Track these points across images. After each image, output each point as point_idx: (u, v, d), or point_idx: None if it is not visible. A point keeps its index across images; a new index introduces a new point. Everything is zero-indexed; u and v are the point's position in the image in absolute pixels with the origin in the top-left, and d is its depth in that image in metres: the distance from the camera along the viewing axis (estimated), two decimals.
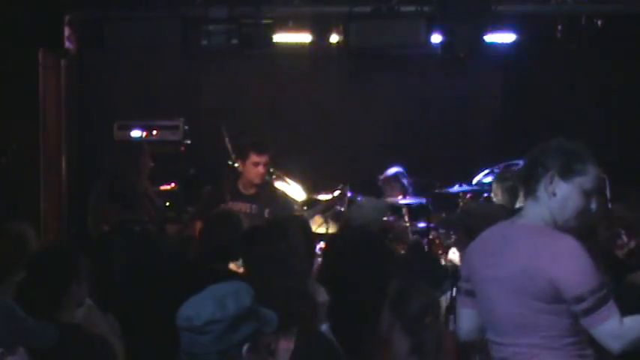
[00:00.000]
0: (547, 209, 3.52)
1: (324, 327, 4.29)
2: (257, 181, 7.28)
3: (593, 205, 3.55)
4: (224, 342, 2.79)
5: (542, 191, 3.53)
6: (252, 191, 7.31)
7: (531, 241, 3.49)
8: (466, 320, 3.77)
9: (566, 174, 3.51)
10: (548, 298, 3.42)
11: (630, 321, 3.42)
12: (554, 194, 3.51)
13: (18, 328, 2.86)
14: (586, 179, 3.51)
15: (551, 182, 3.51)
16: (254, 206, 7.22)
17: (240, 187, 7.34)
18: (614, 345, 3.39)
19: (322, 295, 4.47)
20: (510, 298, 3.49)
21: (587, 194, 3.52)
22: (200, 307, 2.80)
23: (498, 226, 3.71)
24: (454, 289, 5.13)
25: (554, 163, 3.52)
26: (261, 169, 7.25)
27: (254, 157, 7.23)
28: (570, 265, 3.40)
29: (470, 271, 3.71)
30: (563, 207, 3.52)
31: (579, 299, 3.37)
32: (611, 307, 3.38)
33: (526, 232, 3.53)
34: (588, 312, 3.37)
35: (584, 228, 4.38)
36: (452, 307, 5.11)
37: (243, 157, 7.32)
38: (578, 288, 3.37)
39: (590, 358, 3.52)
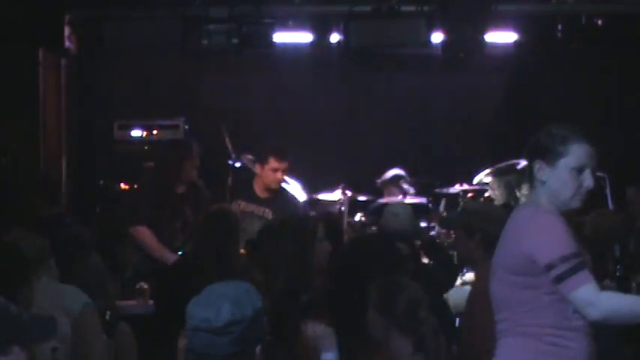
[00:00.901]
0: (544, 195, 3.55)
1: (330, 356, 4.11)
2: (274, 186, 7.23)
3: (589, 182, 3.53)
4: (242, 343, 2.77)
5: (536, 181, 3.58)
6: (267, 195, 7.25)
7: (514, 222, 3.58)
8: None
9: (550, 159, 3.53)
10: (524, 270, 3.46)
11: (611, 293, 3.49)
12: (544, 182, 3.54)
13: (12, 327, 2.80)
14: (570, 159, 3.51)
15: (539, 170, 3.55)
16: (267, 210, 7.18)
17: (256, 189, 7.29)
18: (591, 313, 3.38)
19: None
20: (496, 277, 3.58)
21: (577, 172, 3.52)
22: (217, 308, 2.76)
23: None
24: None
25: (539, 151, 3.56)
26: (279, 175, 7.18)
27: (273, 163, 7.16)
28: (540, 236, 3.45)
29: None
30: (556, 191, 3.54)
31: (550, 266, 3.39)
32: (585, 275, 3.39)
33: (516, 215, 3.62)
34: (561, 279, 3.38)
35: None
36: None
37: (261, 161, 7.23)
38: (548, 256, 3.39)
39: (568, 351, 3.46)
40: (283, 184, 7.47)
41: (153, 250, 6.91)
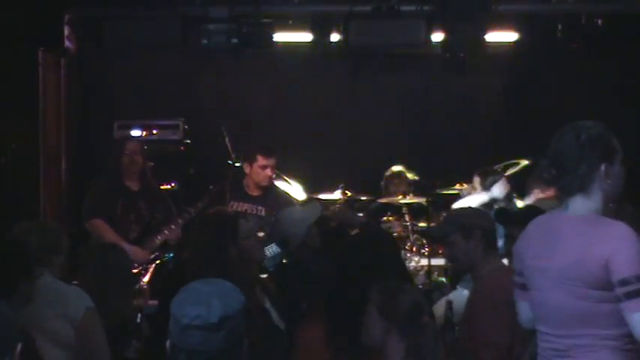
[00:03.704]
0: (599, 197, 3.51)
1: None
2: (264, 183, 7.35)
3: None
4: (234, 338, 2.79)
5: (596, 186, 3.52)
6: (258, 193, 7.36)
7: (584, 231, 3.45)
8: (525, 313, 3.72)
9: (611, 158, 3.56)
10: (605, 284, 3.35)
11: None
12: (609, 181, 3.53)
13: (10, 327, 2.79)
14: (619, 149, 3.58)
15: (606, 173, 3.53)
16: (260, 208, 7.24)
17: (246, 188, 7.37)
18: None
19: None
20: (565, 289, 3.43)
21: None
22: (207, 305, 2.78)
23: (543, 218, 3.68)
24: None
25: (596, 155, 3.54)
26: (268, 171, 7.32)
27: (261, 160, 7.30)
28: (621, 248, 3.34)
29: (521, 265, 3.67)
30: (617, 185, 3.56)
31: (624, 282, 3.30)
32: None
33: (577, 223, 3.49)
34: (630, 296, 3.29)
35: None
36: None
37: (249, 159, 7.35)
38: (626, 270, 3.31)
39: (634, 353, 3.42)
40: (275, 182, 7.54)
41: (110, 241, 7.02)
